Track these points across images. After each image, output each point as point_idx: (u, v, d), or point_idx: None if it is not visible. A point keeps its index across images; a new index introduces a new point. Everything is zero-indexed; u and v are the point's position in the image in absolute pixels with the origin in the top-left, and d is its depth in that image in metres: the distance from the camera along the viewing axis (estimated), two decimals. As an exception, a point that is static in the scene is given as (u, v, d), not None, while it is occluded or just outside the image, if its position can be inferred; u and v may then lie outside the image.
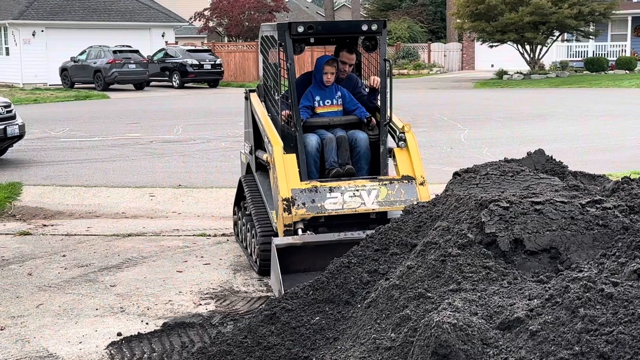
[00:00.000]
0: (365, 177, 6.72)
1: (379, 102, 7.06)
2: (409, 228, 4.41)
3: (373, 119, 6.98)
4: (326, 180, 6.55)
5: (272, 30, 6.98)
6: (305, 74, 7.33)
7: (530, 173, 4.44)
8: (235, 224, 8.03)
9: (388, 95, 6.85)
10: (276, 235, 6.39)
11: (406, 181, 6.54)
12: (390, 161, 6.92)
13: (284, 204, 6.26)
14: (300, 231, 6.26)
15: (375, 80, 7.01)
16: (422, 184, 6.52)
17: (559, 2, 33.27)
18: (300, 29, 6.60)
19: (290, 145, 6.65)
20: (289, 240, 6.10)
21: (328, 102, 7.03)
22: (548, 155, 4.92)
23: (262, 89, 7.51)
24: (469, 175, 4.50)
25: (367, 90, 7.23)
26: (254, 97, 7.50)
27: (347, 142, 6.82)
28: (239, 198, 7.91)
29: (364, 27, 6.80)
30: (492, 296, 3.31)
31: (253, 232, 6.94)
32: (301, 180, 6.42)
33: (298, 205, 6.29)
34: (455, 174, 4.66)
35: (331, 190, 6.38)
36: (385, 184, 6.49)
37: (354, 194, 6.39)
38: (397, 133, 6.85)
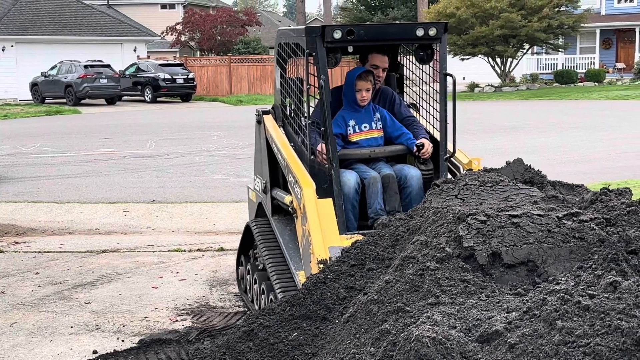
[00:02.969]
0: None
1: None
2: (385, 242, 4.39)
3: (426, 144, 5.53)
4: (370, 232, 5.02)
5: (297, 36, 5.58)
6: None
7: (510, 183, 4.45)
8: (242, 278, 6.63)
9: (450, 121, 5.49)
10: None
11: None
12: None
13: (319, 267, 4.63)
14: None
15: (426, 148, 5.52)
16: None
17: (528, 16, 33.75)
18: (337, 35, 5.20)
19: (322, 185, 5.24)
20: None
21: (365, 127, 5.64)
22: (527, 165, 4.93)
23: (280, 110, 6.13)
24: (448, 186, 4.49)
25: (408, 112, 5.91)
26: (269, 120, 6.08)
27: (395, 183, 5.43)
28: (245, 246, 6.54)
29: (419, 32, 5.39)
30: (471, 309, 3.33)
31: (272, 296, 5.44)
32: (340, 234, 4.96)
33: None
34: (434, 184, 4.66)
35: None
36: None
37: None
38: (462, 171, 5.56)
